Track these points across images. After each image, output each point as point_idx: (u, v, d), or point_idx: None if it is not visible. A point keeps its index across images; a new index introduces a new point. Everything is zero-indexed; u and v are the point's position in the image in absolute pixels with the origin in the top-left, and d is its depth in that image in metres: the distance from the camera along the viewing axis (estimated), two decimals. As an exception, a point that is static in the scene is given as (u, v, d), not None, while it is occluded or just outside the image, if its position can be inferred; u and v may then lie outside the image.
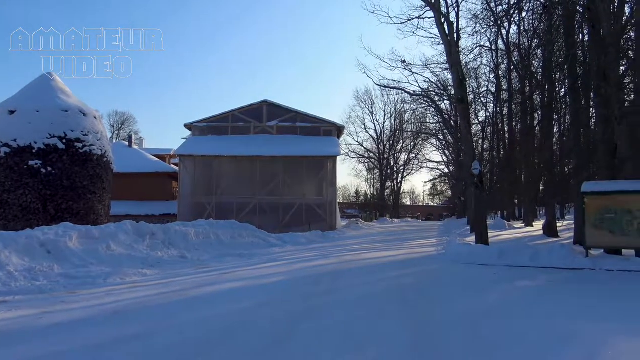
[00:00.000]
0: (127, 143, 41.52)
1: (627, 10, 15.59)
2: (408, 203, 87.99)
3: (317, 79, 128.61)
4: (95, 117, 17.49)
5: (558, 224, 21.83)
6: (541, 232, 21.13)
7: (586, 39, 18.17)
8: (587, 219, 12.64)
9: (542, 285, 9.52)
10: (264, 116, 33.61)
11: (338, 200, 40.64)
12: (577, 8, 16.77)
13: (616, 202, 12.22)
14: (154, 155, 39.63)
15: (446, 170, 57.18)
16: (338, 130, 35.31)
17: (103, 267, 10.56)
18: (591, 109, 18.79)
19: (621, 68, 15.02)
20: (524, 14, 23.61)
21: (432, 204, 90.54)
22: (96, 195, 16.43)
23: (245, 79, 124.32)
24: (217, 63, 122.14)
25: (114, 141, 50.10)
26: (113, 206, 19.05)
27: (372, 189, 68.34)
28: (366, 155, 63.38)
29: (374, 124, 63.42)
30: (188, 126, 34.06)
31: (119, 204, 27.38)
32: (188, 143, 32.75)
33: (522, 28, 25.54)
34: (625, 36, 15.15)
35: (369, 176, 67.33)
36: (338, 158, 32.65)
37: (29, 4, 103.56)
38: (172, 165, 38.79)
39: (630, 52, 15.60)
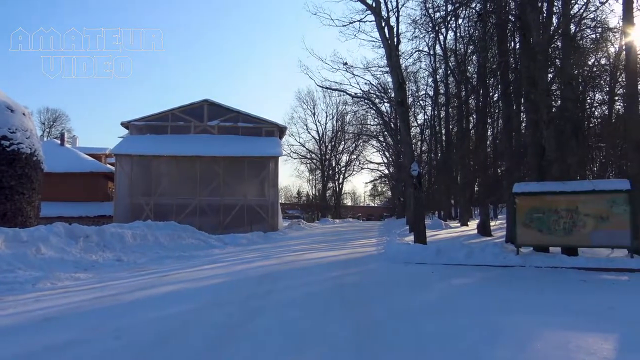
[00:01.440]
0: (58, 141, 39.60)
1: (554, 20, 16.48)
2: (349, 203, 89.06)
3: (259, 79, 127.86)
4: (24, 114, 16.55)
5: (491, 224, 22.75)
6: (476, 231, 21.91)
7: (517, 47, 19.06)
8: (517, 219, 13.25)
9: (476, 282, 9.92)
10: (205, 116, 33.04)
11: (280, 201, 40.58)
12: (510, 17, 17.59)
13: (544, 202, 12.89)
14: (89, 155, 38.04)
15: (386, 172, 58.42)
16: (280, 130, 35.23)
17: (32, 272, 10.01)
18: (522, 114, 19.75)
19: (549, 75, 15.85)
20: (460, 21, 24.50)
21: (373, 204, 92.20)
22: (24, 196, 15.56)
23: (185, 78, 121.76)
24: (156, 61, 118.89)
25: (45, 139, 47.68)
26: (44, 208, 18.10)
27: (314, 190, 68.81)
28: (308, 156, 63.76)
29: (316, 125, 63.91)
30: (125, 124, 32.90)
31: (51, 205, 26.10)
32: (125, 142, 31.66)
33: (458, 34, 26.45)
34: (552, 45, 16.03)
35: (310, 177, 67.81)
36: (280, 158, 32.66)
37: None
38: (108, 165, 37.40)
39: (557, 60, 16.50)
